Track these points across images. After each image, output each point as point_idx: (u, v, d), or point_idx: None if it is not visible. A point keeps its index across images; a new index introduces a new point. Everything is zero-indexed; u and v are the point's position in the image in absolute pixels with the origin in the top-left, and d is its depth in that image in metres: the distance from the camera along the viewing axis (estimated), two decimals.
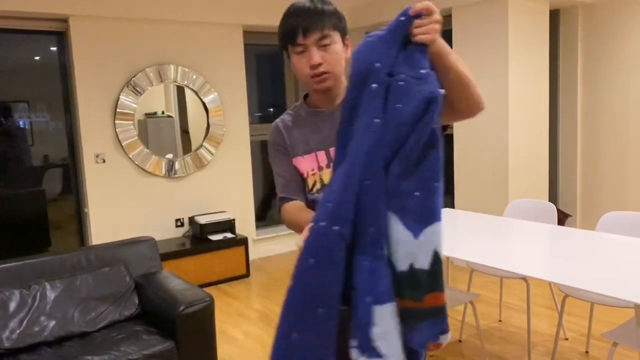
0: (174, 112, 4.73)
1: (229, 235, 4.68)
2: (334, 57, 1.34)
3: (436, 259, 1.18)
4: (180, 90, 4.73)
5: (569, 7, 4.88)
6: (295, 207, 1.44)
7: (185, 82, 4.70)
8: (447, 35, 4.87)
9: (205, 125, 4.86)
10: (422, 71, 1.15)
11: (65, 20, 4.21)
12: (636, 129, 4.58)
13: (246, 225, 5.16)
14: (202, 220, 4.63)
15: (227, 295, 4.34)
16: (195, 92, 4.77)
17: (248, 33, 5.17)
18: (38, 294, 2.63)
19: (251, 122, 5.25)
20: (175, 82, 4.65)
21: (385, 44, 1.17)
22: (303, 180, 1.45)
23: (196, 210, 4.86)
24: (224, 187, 5.02)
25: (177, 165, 4.70)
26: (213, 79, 4.87)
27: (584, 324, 3.41)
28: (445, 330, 1.21)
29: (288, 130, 1.49)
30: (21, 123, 4.26)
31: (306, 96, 1.53)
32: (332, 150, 1.37)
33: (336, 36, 1.34)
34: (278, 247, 5.45)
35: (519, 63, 4.37)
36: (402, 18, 1.16)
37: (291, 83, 5.62)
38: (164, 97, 4.67)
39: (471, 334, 3.39)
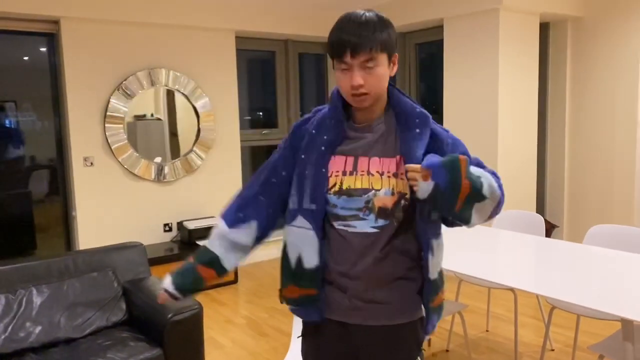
0: (163, 115, 4.71)
1: None
2: (376, 79, 1.34)
3: None
4: (170, 93, 4.71)
5: (559, 21, 4.94)
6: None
7: (177, 86, 4.68)
8: (439, 46, 4.91)
9: (196, 130, 4.85)
10: None
11: (56, 22, 4.18)
12: (623, 141, 4.65)
13: None
14: (191, 225, 4.61)
15: (214, 301, 4.31)
16: (187, 97, 4.75)
17: (239, 38, 5.17)
18: (24, 299, 2.59)
19: (241, 128, 5.25)
20: (167, 86, 4.64)
21: None
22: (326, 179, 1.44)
23: (185, 215, 4.83)
24: (214, 192, 5.00)
25: (166, 170, 4.68)
26: (204, 84, 4.86)
27: (570, 335, 3.44)
28: None
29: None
30: (7, 123, 4.22)
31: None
32: (360, 159, 1.41)
33: (382, 58, 1.34)
34: (266, 253, 5.44)
35: (509, 75, 4.42)
36: None
37: (283, 89, 5.63)
38: (153, 99, 4.64)
39: (459, 343, 3.40)
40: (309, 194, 1.42)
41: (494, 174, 1.42)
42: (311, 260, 1.42)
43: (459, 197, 1.29)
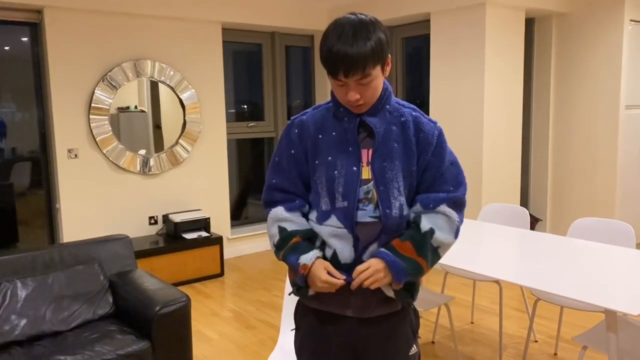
0: (146, 108, 4.66)
1: (203, 233, 4.64)
2: (372, 91, 1.36)
3: None
4: (154, 85, 4.67)
5: (544, 16, 4.99)
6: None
7: (162, 78, 4.64)
8: (425, 40, 4.93)
9: (182, 122, 4.81)
10: None
11: (39, 11, 4.11)
12: (605, 136, 4.72)
13: (221, 224, 5.12)
14: (177, 218, 4.58)
15: (201, 294, 4.30)
16: (172, 89, 4.71)
17: (226, 30, 5.13)
18: (9, 292, 2.56)
19: (228, 120, 5.22)
20: (152, 77, 4.59)
21: None
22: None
23: (170, 208, 4.80)
24: (200, 185, 4.97)
25: (151, 162, 4.64)
26: (190, 76, 4.82)
27: (553, 327, 3.49)
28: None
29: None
30: None
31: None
32: (362, 151, 1.43)
33: (377, 70, 1.33)
34: (253, 246, 5.43)
35: (494, 69, 4.45)
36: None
37: (269, 81, 5.60)
38: (137, 91, 4.59)
39: (444, 335, 3.44)
40: (341, 193, 1.40)
41: (456, 201, 1.45)
42: (347, 255, 1.42)
43: (422, 274, 1.46)
